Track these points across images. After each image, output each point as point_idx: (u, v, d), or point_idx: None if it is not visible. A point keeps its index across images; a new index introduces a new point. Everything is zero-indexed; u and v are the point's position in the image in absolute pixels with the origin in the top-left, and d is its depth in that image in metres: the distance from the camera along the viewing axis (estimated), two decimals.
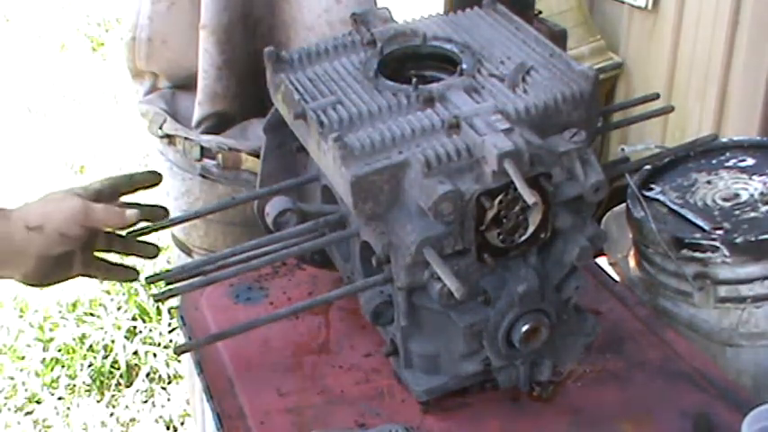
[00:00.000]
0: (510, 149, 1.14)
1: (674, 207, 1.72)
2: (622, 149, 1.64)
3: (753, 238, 1.61)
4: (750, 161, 1.81)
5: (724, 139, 1.93)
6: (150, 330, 2.78)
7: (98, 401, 2.64)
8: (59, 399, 2.63)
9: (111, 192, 1.27)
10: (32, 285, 1.22)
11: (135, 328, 2.79)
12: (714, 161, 1.83)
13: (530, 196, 1.13)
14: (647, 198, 1.72)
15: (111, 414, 2.61)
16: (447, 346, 1.29)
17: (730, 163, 1.82)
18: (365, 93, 1.29)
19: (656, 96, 1.55)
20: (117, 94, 4.01)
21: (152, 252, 1.32)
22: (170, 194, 2.40)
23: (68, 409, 2.61)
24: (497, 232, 1.19)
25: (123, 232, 1.32)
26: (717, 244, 1.61)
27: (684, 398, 1.37)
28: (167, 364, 2.69)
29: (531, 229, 1.21)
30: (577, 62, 1.32)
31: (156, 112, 2.38)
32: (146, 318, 2.84)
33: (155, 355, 2.72)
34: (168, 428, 2.57)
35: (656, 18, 2.71)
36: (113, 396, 2.66)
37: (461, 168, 1.17)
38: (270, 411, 1.35)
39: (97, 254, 1.28)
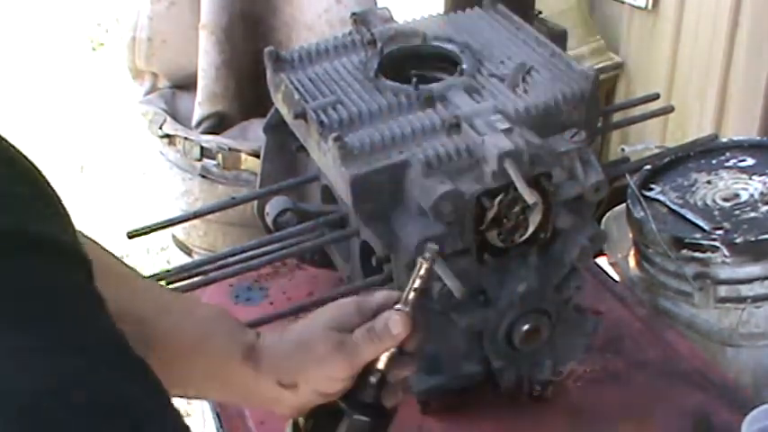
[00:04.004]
0: (510, 149, 1.14)
1: (674, 207, 1.72)
2: (622, 149, 1.64)
3: (753, 238, 1.61)
4: (750, 161, 1.81)
5: (724, 139, 1.92)
6: None
7: None
8: None
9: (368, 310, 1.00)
10: None
11: None
12: (714, 161, 1.83)
13: (530, 196, 1.13)
14: (647, 198, 1.72)
15: None
16: (447, 346, 1.29)
17: (730, 163, 1.81)
18: (365, 93, 1.29)
19: (656, 96, 1.55)
20: (117, 94, 4.01)
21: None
22: (170, 194, 2.40)
23: None
24: (497, 232, 1.19)
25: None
26: (717, 244, 1.61)
27: (684, 398, 1.37)
28: None
29: (531, 229, 1.21)
30: (577, 62, 1.32)
31: (156, 112, 2.38)
32: None
33: None
34: None
35: (656, 18, 2.71)
36: None
37: (461, 168, 1.17)
38: (270, 411, 1.34)
39: None
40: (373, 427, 0.95)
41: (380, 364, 0.93)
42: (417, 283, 0.92)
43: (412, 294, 0.93)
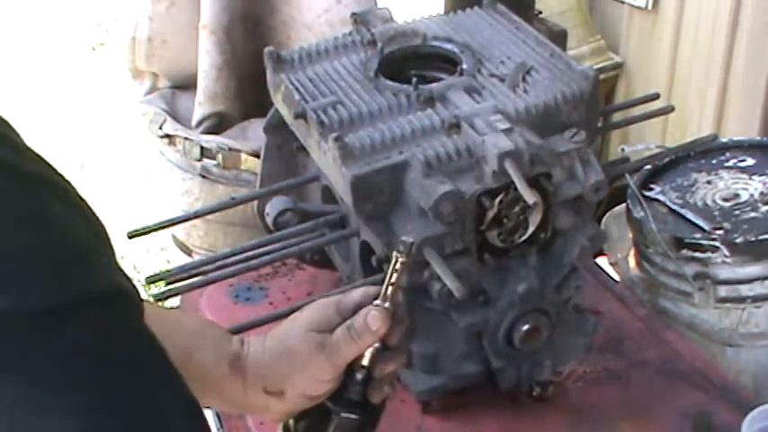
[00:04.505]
0: (510, 149, 1.14)
1: (674, 207, 1.72)
2: (622, 149, 1.64)
3: (753, 238, 1.61)
4: (750, 161, 1.81)
5: (724, 139, 1.92)
6: None
7: None
8: None
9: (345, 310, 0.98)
10: None
11: None
12: (714, 161, 1.83)
13: (530, 196, 1.13)
14: (647, 198, 1.72)
15: None
16: (447, 346, 1.29)
17: (730, 163, 1.81)
18: (365, 93, 1.29)
19: (656, 96, 1.55)
20: (117, 94, 4.01)
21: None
22: (170, 194, 2.40)
23: None
24: (497, 232, 1.19)
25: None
26: (717, 244, 1.61)
27: (684, 398, 1.37)
28: None
29: (531, 229, 1.21)
30: (577, 62, 1.31)
31: (156, 112, 2.38)
32: None
33: None
34: None
35: (656, 18, 2.71)
36: None
37: (461, 168, 1.17)
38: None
39: None
40: (362, 424, 0.94)
41: (365, 361, 0.93)
42: (394, 278, 0.92)
43: (390, 289, 0.92)
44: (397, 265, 0.91)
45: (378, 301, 0.93)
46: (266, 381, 0.96)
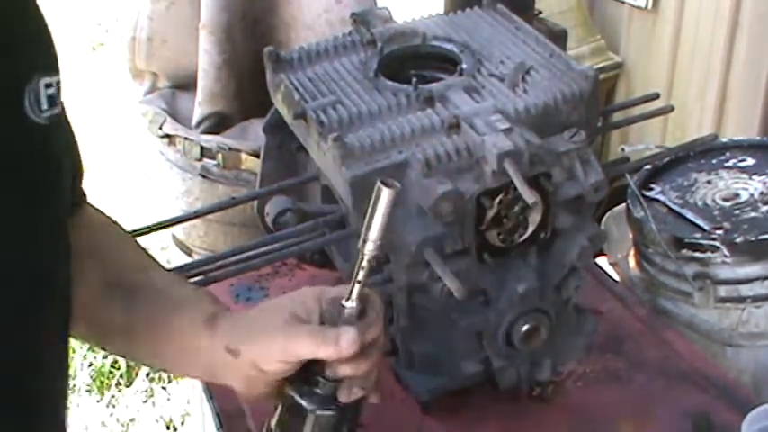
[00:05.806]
0: (510, 149, 1.14)
1: (674, 207, 1.72)
2: (622, 149, 1.64)
3: (753, 238, 1.61)
4: (750, 161, 1.81)
5: (724, 140, 1.93)
6: None
7: (98, 401, 2.64)
8: None
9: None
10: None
11: None
12: (714, 161, 1.83)
13: (529, 196, 1.13)
14: (647, 198, 1.72)
15: (111, 414, 2.60)
16: (447, 346, 1.29)
17: (730, 163, 1.82)
18: (365, 93, 1.29)
19: (656, 96, 1.55)
20: (117, 94, 4.01)
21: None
22: (170, 194, 2.40)
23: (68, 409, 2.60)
24: (497, 232, 1.19)
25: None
26: (717, 244, 1.61)
27: (684, 398, 1.37)
28: None
29: (530, 229, 1.21)
30: (577, 62, 1.31)
31: (156, 112, 2.38)
32: None
33: None
34: (168, 428, 2.57)
35: (656, 18, 2.71)
36: (113, 396, 2.66)
37: (461, 168, 1.17)
38: (270, 411, 1.34)
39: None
40: (340, 420, 0.94)
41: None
42: (361, 276, 0.91)
43: (357, 288, 0.91)
44: (363, 263, 0.90)
45: (345, 302, 0.92)
46: (232, 338, 0.97)
